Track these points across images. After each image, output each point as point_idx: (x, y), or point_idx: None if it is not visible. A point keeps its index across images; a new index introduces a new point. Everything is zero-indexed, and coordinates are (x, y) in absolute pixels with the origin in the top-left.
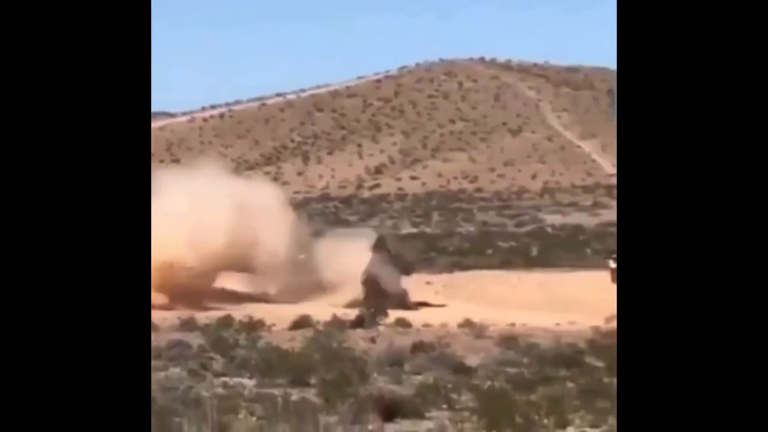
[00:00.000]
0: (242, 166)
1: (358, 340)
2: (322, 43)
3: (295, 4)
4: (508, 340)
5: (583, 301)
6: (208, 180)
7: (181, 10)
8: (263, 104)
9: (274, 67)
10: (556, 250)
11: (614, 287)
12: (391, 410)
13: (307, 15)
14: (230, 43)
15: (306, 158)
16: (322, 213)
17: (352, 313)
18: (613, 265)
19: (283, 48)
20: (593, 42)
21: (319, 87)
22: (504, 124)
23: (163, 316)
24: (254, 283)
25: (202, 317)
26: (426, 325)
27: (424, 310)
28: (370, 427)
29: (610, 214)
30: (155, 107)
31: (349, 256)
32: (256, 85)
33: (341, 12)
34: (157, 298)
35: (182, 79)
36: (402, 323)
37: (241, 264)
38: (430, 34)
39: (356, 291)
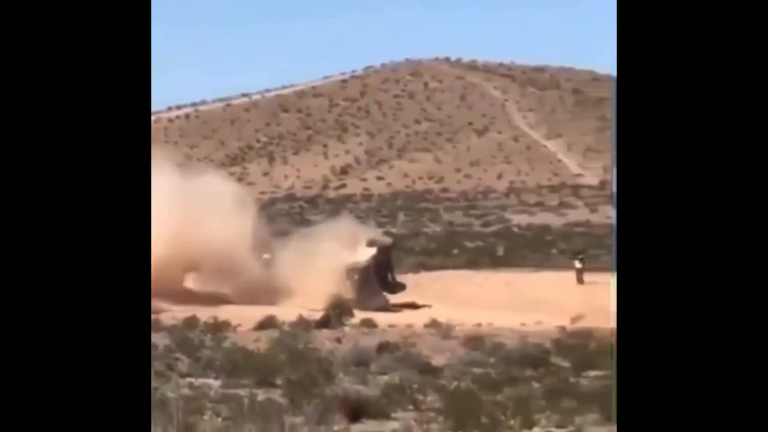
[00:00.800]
0: (208, 167)
1: (323, 340)
2: (287, 44)
3: (259, 5)
4: (474, 341)
5: (549, 301)
6: (160, 179)
7: None
8: (228, 105)
9: (240, 68)
10: (522, 250)
11: (580, 287)
12: (356, 411)
13: (272, 16)
14: (195, 44)
15: (272, 158)
16: (288, 213)
17: (318, 314)
18: (578, 265)
19: (248, 48)
20: (559, 42)
21: (284, 87)
22: (470, 124)
23: None
24: (216, 284)
25: (168, 318)
26: (391, 326)
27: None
28: (335, 427)
29: (577, 214)
30: None
31: (319, 257)
32: (221, 85)
33: (307, 12)
34: None
35: None
36: (367, 323)
37: (197, 265)
38: (395, 34)
39: (323, 292)
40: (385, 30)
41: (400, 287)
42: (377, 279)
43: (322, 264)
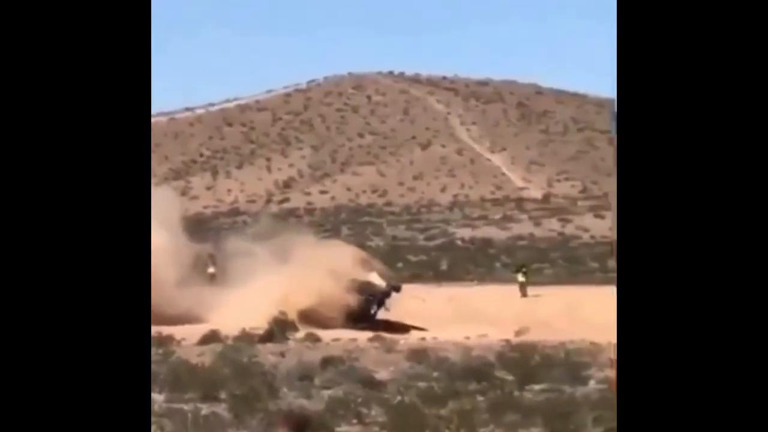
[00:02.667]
0: (152, 181)
1: (267, 354)
2: (230, 58)
3: (203, 18)
4: (418, 354)
5: (492, 315)
6: None
7: None
8: (172, 119)
9: (183, 82)
10: (465, 264)
11: (523, 301)
12: (300, 425)
13: (215, 29)
14: None
15: (215, 172)
16: (231, 227)
17: (261, 328)
18: (521, 278)
19: (191, 63)
20: (502, 55)
21: (228, 101)
22: (413, 137)
23: None
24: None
25: None
26: (335, 339)
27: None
28: None
29: (520, 228)
30: None
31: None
32: (164, 99)
33: (250, 26)
34: None
35: None
36: (311, 337)
37: None
38: (338, 49)
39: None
40: (327, 44)
41: (373, 320)
42: (368, 307)
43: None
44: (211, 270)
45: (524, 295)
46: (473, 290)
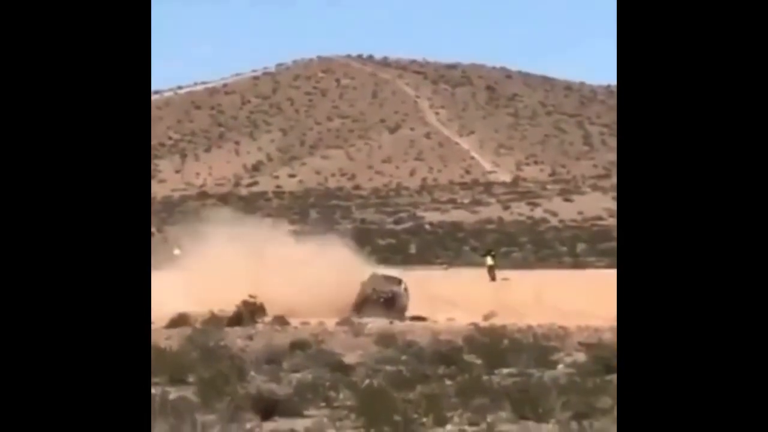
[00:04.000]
0: None
1: (235, 338)
2: (198, 40)
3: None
4: (387, 338)
5: (461, 299)
6: None
7: None
8: None
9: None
10: (434, 248)
11: (492, 285)
12: (268, 409)
13: (181, 12)
14: None
15: (183, 156)
16: (199, 210)
17: (230, 311)
18: (490, 262)
19: (159, 45)
20: (471, 38)
21: (196, 84)
22: (382, 121)
23: None
24: None
25: None
26: (304, 323)
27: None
28: (247, 425)
29: (489, 211)
30: None
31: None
32: None
33: (216, 8)
34: None
35: None
36: (280, 321)
37: None
38: (306, 31)
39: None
40: (296, 26)
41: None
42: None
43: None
44: (176, 251)
45: (493, 279)
46: (442, 274)
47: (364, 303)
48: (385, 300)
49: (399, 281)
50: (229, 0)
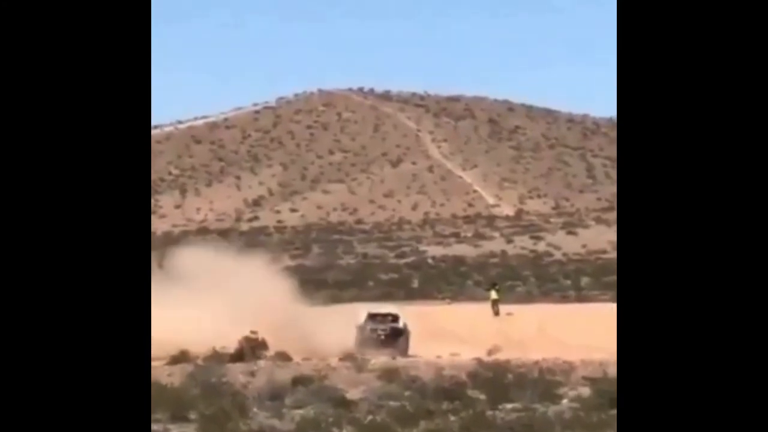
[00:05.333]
0: None
1: (237, 374)
2: (198, 74)
3: (166, 34)
4: (390, 373)
5: (464, 333)
6: None
7: None
8: None
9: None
10: (437, 282)
11: (495, 319)
12: None
13: (180, 46)
14: None
15: (184, 191)
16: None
17: (232, 347)
18: (494, 296)
19: (158, 79)
20: (473, 71)
21: (196, 119)
22: (384, 154)
23: None
24: None
25: None
26: (306, 359)
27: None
28: None
29: (491, 245)
30: None
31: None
32: None
33: (216, 42)
34: None
35: None
36: (282, 357)
37: None
38: (307, 65)
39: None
40: (297, 60)
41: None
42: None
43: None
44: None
45: (496, 313)
46: (445, 308)
47: (365, 342)
48: (386, 337)
49: (397, 317)
50: (229, 33)
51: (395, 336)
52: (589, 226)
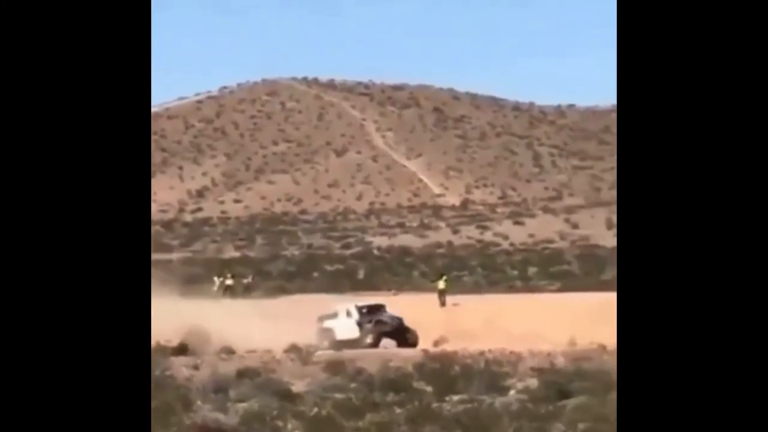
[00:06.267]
0: None
1: (181, 367)
2: None
3: None
4: (336, 366)
5: (411, 324)
6: None
7: None
8: None
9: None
10: (383, 273)
11: (442, 310)
12: None
13: None
14: None
15: None
16: None
17: (175, 340)
18: (441, 286)
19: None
20: (417, 59)
21: None
22: (328, 144)
23: None
24: None
25: None
26: (250, 351)
27: (247, 336)
28: None
29: (437, 235)
30: None
31: None
32: None
33: (159, 32)
34: None
35: None
36: (226, 350)
37: None
38: (250, 54)
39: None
40: (240, 49)
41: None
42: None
43: None
44: None
45: (443, 304)
46: (391, 299)
47: (379, 338)
48: (393, 330)
49: (384, 306)
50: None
51: (401, 327)
52: (536, 215)
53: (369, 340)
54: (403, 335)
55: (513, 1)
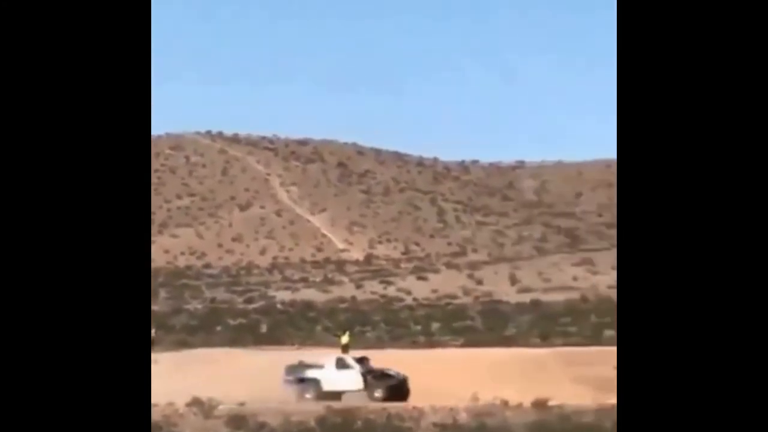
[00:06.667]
0: None
1: None
2: None
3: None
4: (238, 420)
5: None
6: None
7: None
8: None
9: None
10: (286, 327)
11: None
12: None
13: None
14: None
15: None
16: None
17: None
18: (345, 339)
19: None
20: (322, 114)
21: None
22: (232, 198)
23: None
24: None
25: None
26: (152, 405)
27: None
28: None
29: (341, 290)
30: None
31: None
32: None
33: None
34: None
35: None
36: None
37: None
38: (155, 108)
39: None
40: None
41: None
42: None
43: None
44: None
45: None
46: (294, 354)
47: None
48: (391, 386)
49: (368, 359)
50: None
51: (398, 382)
52: (439, 270)
53: (379, 394)
54: (402, 390)
55: (419, 60)
